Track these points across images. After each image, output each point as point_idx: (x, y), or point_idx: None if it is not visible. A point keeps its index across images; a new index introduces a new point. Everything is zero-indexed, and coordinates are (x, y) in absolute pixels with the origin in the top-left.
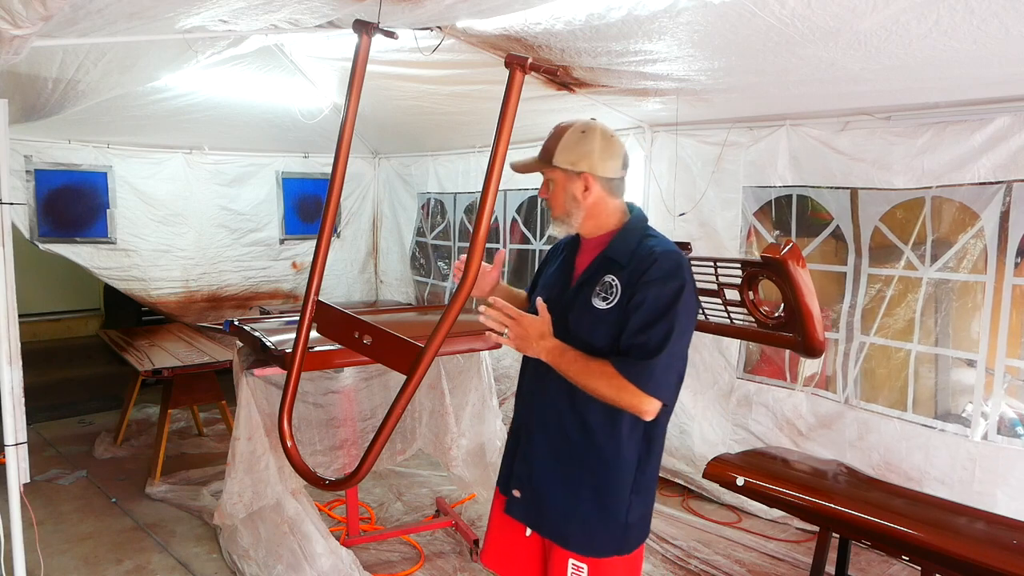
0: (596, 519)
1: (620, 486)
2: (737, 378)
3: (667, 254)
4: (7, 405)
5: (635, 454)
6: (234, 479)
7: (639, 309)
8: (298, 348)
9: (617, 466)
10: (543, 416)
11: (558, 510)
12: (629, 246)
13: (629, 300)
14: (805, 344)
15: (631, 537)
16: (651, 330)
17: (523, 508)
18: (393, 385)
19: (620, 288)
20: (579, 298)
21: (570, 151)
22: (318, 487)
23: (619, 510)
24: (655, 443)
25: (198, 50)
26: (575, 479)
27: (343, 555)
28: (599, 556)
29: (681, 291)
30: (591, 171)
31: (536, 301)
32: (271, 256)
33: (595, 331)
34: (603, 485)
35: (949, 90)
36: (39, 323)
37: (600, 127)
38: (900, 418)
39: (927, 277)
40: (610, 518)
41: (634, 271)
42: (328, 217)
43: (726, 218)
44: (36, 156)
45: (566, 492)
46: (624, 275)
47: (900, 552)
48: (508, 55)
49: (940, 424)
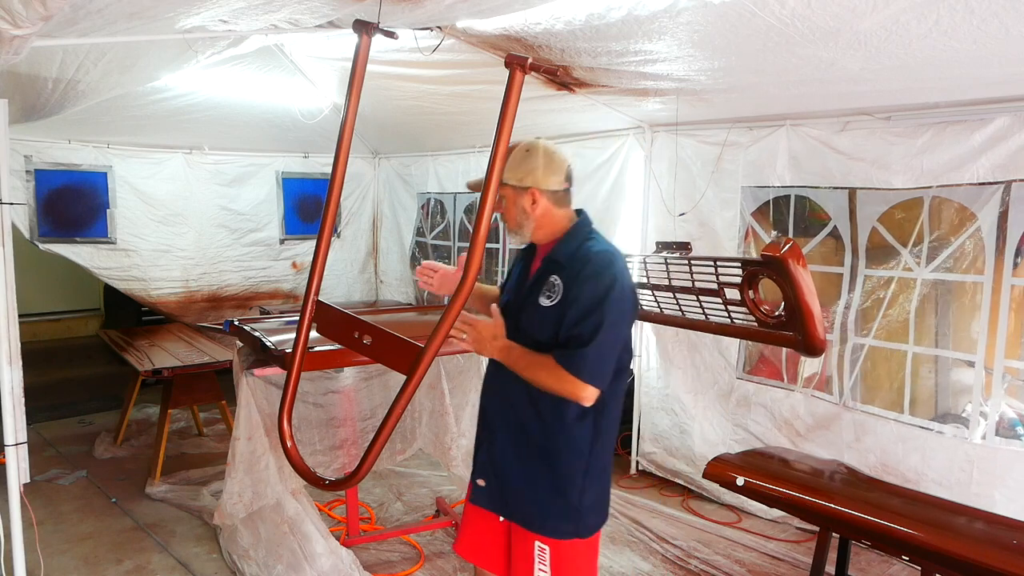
0: (553, 503)
1: (573, 471)
2: (736, 378)
3: (600, 254)
4: (7, 405)
5: (585, 442)
6: (234, 479)
7: (574, 304)
8: (298, 348)
9: (568, 453)
10: (503, 410)
11: (520, 495)
12: (571, 248)
13: (567, 297)
14: (805, 343)
15: (588, 521)
16: (584, 323)
17: (487, 495)
18: (393, 385)
19: (562, 287)
20: (529, 299)
21: (517, 169)
22: (318, 487)
23: (573, 494)
24: (604, 431)
25: (198, 50)
26: (532, 466)
27: (343, 555)
28: (560, 538)
29: (612, 286)
30: (536, 185)
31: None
32: (271, 256)
33: (540, 327)
34: (557, 471)
35: (949, 90)
36: (39, 323)
37: (543, 145)
38: (897, 420)
39: (923, 278)
40: (566, 502)
41: (572, 270)
42: (328, 217)
43: (725, 218)
44: (36, 156)
45: (525, 478)
46: (565, 275)
47: (900, 552)
48: (508, 55)
49: (937, 426)
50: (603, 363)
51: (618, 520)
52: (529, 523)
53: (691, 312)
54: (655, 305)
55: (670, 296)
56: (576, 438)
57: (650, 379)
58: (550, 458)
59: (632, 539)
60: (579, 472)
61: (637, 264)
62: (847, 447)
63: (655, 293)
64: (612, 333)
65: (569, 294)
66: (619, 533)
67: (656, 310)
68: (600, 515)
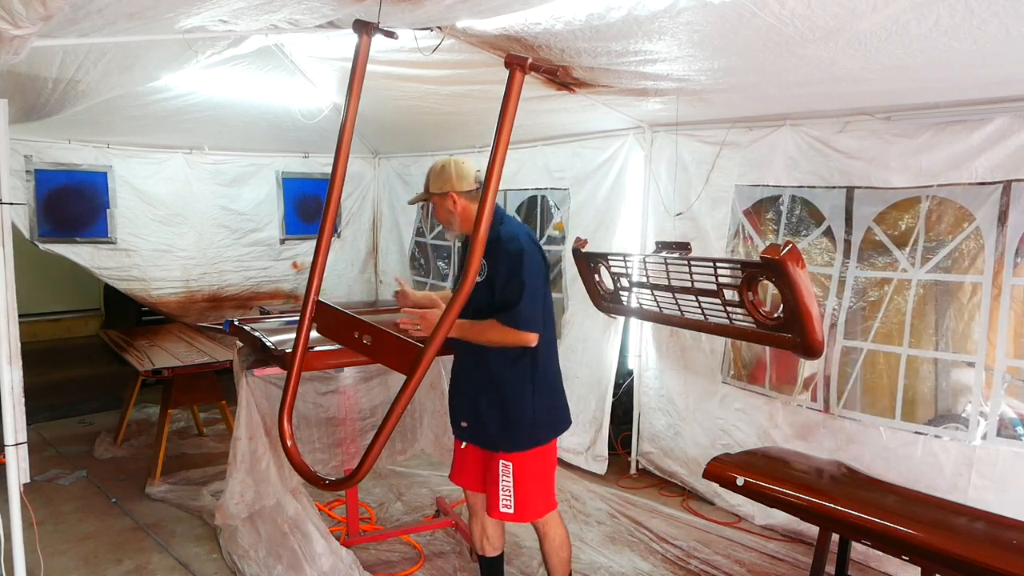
0: (511, 426)
1: (522, 396)
2: (722, 382)
3: (509, 234)
4: (7, 405)
5: (527, 374)
6: (236, 479)
7: (498, 276)
8: (298, 348)
9: (515, 383)
10: (467, 367)
11: (486, 427)
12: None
13: (493, 272)
14: (804, 345)
15: (541, 432)
16: (510, 288)
17: (469, 433)
18: (393, 385)
19: (486, 266)
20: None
21: (436, 182)
22: (318, 487)
23: (526, 413)
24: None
25: (198, 50)
26: (492, 403)
27: (343, 555)
28: (518, 450)
29: (522, 255)
30: (452, 190)
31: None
32: (271, 256)
33: (478, 298)
34: (509, 400)
35: (949, 90)
36: (39, 323)
37: (452, 160)
38: (888, 426)
39: (918, 279)
40: (521, 421)
41: (491, 251)
42: (328, 217)
43: (715, 217)
44: (36, 156)
45: (488, 414)
46: (488, 256)
47: (900, 552)
48: (508, 55)
49: (932, 430)
50: (533, 312)
51: (618, 520)
52: (494, 446)
53: (690, 313)
54: (655, 305)
55: (669, 296)
56: (518, 373)
57: (648, 379)
58: (502, 393)
59: (632, 539)
60: (527, 395)
61: (637, 264)
62: (837, 451)
63: (655, 293)
64: (532, 289)
65: (492, 269)
66: (619, 533)
67: (656, 310)
68: (553, 427)
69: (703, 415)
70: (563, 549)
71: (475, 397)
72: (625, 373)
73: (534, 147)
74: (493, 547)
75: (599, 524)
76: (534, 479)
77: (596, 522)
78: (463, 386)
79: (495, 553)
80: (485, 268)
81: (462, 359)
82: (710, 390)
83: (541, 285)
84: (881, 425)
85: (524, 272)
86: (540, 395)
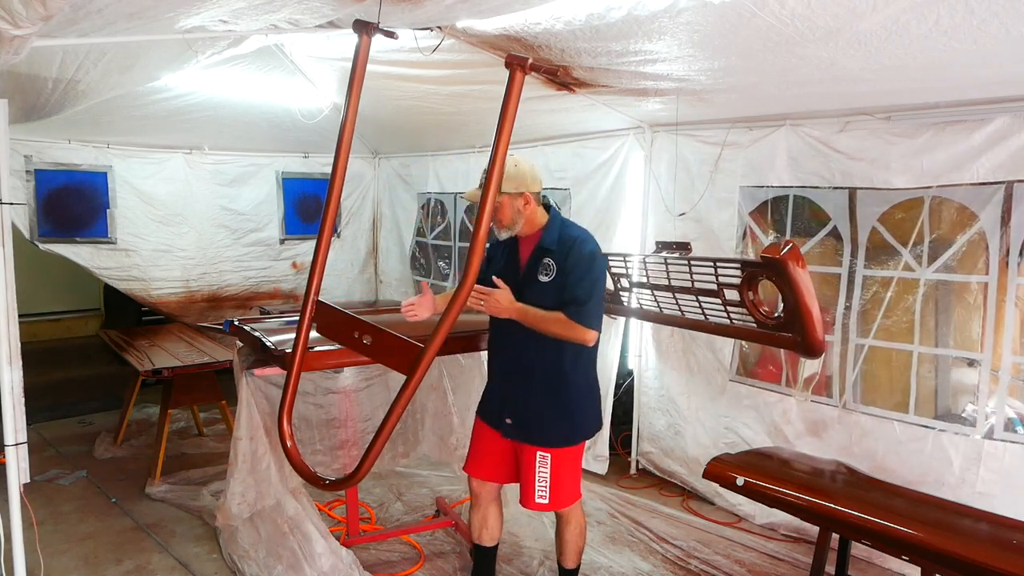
0: (560, 423)
1: (580, 393)
2: (729, 380)
3: (581, 236)
4: (7, 405)
5: (586, 371)
6: (237, 479)
7: (570, 275)
8: (298, 348)
9: (576, 382)
10: (524, 367)
11: (539, 420)
12: (554, 236)
13: (563, 271)
14: (805, 344)
15: (586, 429)
16: (580, 286)
17: (516, 430)
18: (394, 385)
19: (555, 266)
20: (528, 278)
21: (511, 180)
22: (318, 487)
23: (578, 414)
24: (594, 362)
25: (198, 50)
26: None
27: (343, 555)
28: (558, 447)
29: (594, 258)
30: (528, 190)
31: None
32: (271, 256)
33: (543, 297)
34: (570, 396)
35: (949, 90)
36: (39, 323)
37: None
38: (901, 420)
39: (925, 278)
40: (575, 416)
41: (561, 252)
42: (328, 217)
43: (722, 218)
44: (36, 156)
45: (544, 407)
46: (557, 256)
47: (900, 552)
48: (508, 55)
49: (942, 424)
50: (598, 311)
51: (618, 520)
52: (541, 441)
53: (690, 312)
54: (655, 305)
55: (670, 296)
56: (579, 373)
57: (648, 379)
58: (562, 391)
59: (632, 539)
60: (584, 394)
61: (637, 264)
62: (843, 450)
63: (655, 293)
64: (600, 288)
65: (564, 268)
66: (619, 533)
67: (656, 310)
68: (595, 424)
69: (707, 414)
70: (581, 537)
71: (530, 392)
72: (625, 373)
73: (534, 147)
74: (491, 537)
75: (599, 524)
76: (569, 470)
77: (596, 522)
78: (515, 381)
79: (492, 543)
80: (553, 268)
81: (514, 356)
82: (716, 389)
83: (603, 288)
84: (894, 420)
85: (594, 273)
86: (593, 393)
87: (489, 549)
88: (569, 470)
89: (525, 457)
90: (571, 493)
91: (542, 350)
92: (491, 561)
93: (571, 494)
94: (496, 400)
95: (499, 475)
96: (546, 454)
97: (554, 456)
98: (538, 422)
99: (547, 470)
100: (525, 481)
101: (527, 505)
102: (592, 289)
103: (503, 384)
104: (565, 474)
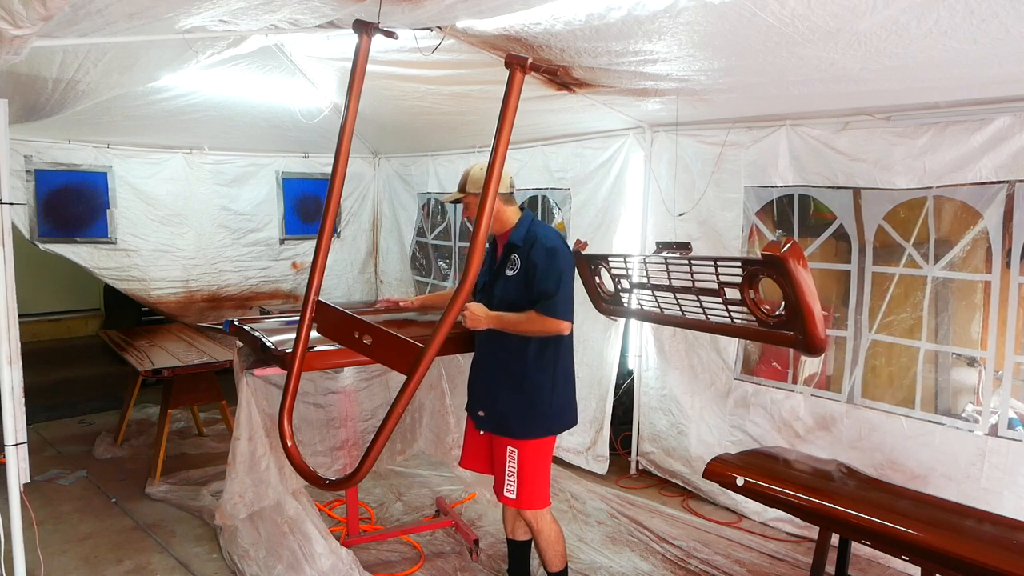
0: (527, 415)
1: (542, 385)
2: (734, 379)
3: (544, 233)
4: (7, 405)
5: (549, 366)
6: (235, 479)
7: (535, 270)
8: (298, 348)
9: (538, 374)
10: (491, 360)
11: (505, 412)
12: (521, 234)
13: (526, 267)
14: (806, 342)
15: (556, 422)
16: (547, 280)
17: (487, 421)
18: (393, 385)
19: (520, 261)
20: (499, 274)
21: (477, 182)
22: (318, 487)
23: (544, 404)
24: (562, 356)
25: (198, 50)
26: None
27: (343, 555)
28: (526, 439)
29: (555, 251)
30: None
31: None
32: (271, 256)
33: (507, 291)
34: (532, 387)
35: (949, 90)
36: (39, 323)
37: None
38: (908, 415)
39: (932, 275)
40: (539, 411)
41: (525, 248)
42: (328, 217)
43: (727, 218)
44: (36, 156)
45: (509, 398)
46: (522, 252)
47: (900, 552)
48: (508, 55)
49: (948, 420)
50: (568, 303)
51: (618, 520)
52: (507, 431)
53: (691, 312)
54: (655, 305)
55: (670, 296)
56: (542, 365)
57: (648, 379)
58: (524, 382)
59: (632, 539)
60: (548, 386)
61: (637, 264)
62: (851, 446)
63: (655, 293)
64: (566, 281)
65: (527, 264)
66: (619, 533)
67: (656, 310)
68: (564, 421)
69: (711, 413)
70: (558, 543)
71: (496, 385)
72: (625, 373)
73: (534, 147)
74: (525, 531)
75: (599, 524)
76: (536, 468)
77: (596, 522)
78: (484, 374)
79: (526, 537)
80: (518, 263)
81: (485, 350)
82: (721, 388)
83: (570, 281)
84: (902, 415)
85: (559, 265)
86: (558, 388)
87: (522, 543)
88: (537, 467)
89: (496, 449)
90: (539, 495)
91: (503, 343)
92: (525, 555)
93: (539, 496)
94: (472, 392)
95: (484, 467)
96: (514, 448)
97: (521, 451)
98: (503, 414)
99: (515, 465)
100: (497, 473)
101: (499, 498)
102: (559, 282)
103: (475, 376)
104: (533, 470)
